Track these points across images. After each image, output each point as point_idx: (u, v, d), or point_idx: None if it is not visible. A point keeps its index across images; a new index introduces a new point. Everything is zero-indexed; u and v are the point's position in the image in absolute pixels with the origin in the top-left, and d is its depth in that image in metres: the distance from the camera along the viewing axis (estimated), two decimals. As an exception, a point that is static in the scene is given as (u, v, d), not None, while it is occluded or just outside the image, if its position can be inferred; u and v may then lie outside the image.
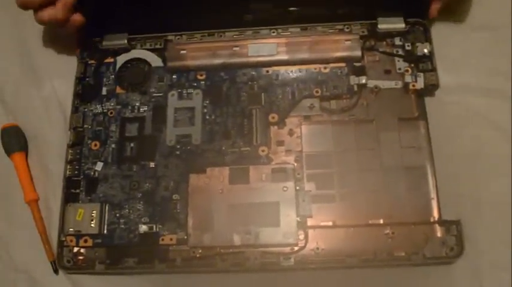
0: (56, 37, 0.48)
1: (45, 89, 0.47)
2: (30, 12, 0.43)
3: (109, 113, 0.43)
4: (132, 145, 0.42)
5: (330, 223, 0.39)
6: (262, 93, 0.43)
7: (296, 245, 0.38)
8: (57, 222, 0.41)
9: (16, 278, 0.41)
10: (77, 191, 0.41)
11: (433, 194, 0.39)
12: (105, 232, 0.40)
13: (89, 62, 0.45)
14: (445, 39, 0.43)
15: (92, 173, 0.42)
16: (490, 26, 0.45)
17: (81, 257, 0.40)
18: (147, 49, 0.45)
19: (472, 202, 0.39)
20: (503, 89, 0.43)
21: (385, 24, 0.43)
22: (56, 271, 0.41)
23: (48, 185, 0.43)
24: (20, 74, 0.48)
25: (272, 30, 0.44)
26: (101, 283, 0.40)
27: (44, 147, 0.45)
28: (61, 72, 0.47)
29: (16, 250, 0.42)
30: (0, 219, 0.43)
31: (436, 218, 0.38)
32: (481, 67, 0.43)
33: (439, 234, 0.38)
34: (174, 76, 0.44)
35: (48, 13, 0.42)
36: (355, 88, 0.42)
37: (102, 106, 0.43)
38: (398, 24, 0.43)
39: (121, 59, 0.45)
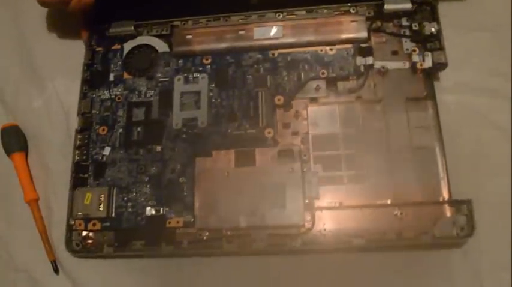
0: (56, 35, 0.49)
1: (45, 88, 0.47)
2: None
3: (116, 98, 0.44)
4: (139, 129, 0.42)
5: (339, 204, 0.38)
6: (268, 76, 0.42)
7: (303, 226, 0.38)
8: (58, 221, 0.42)
9: (16, 278, 0.41)
10: (85, 175, 0.42)
11: (442, 174, 0.38)
12: (113, 215, 0.40)
13: (96, 49, 0.46)
14: (445, 38, 0.42)
15: (100, 158, 0.42)
16: (491, 26, 0.44)
17: (89, 241, 0.40)
18: (154, 35, 0.45)
19: (472, 201, 0.38)
20: (503, 89, 0.42)
21: (391, 5, 0.42)
22: (56, 271, 0.41)
23: (49, 184, 0.44)
24: (20, 74, 0.48)
25: (277, 14, 0.44)
26: (102, 282, 0.41)
27: (44, 146, 0.45)
28: (61, 72, 0.47)
29: (16, 250, 0.42)
30: (0, 219, 0.43)
31: (446, 198, 0.38)
32: (481, 67, 0.43)
33: (449, 214, 0.37)
34: (180, 61, 0.44)
35: None
36: (362, 69, 0.42)
37: (109, 92, 0.44)
38: (405, 5, 0.42)
39: (128, 46, 0.45)
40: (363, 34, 0.42)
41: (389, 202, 0.38)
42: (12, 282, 0.41)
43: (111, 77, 0.44)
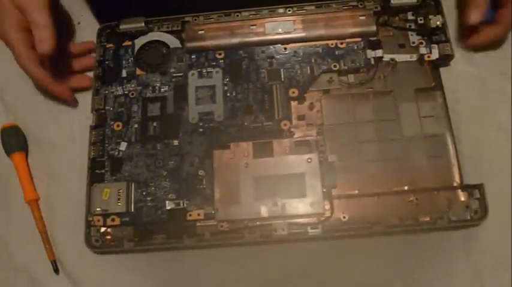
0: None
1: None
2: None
3: (130, 94, 0.44)
4: (155, 124, 0.42)
5: (355, 192, 0.39)
6: (281, 69, 0.43)
7: (323, 215, 0.39)
8: (59, 221, 0.42)
9: (16, 278, 0.41)
10: (102, 171, 0.41)
11: (453, 160, 0.40)
12: (133, 210, 0.40)
13: (107, 46, 0.45)
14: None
15: (116, 153, 0.42)
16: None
17: (108, 237, 0.40)
18: (165, 31, 0.45)
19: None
20: (503, 89, 0.43)
21: (397, -1, 0.44)
22: (56, 271, 0.41)
23: (50, 184, 0.44)
24: (20, 74, 0.47)
25: (288, 9, 0.45)
26: (102, 282, 0.41)
27: (44, 146, 0.45)
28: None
29: (16, 250, 0.42)
30: (0, 219, 0.43)
31: (459, 183, 0.39)
32: (481, 67, 0.44)
33: (462, 198, 0.39)
34: (193, 56, 0.44)
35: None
36: (372, 61, 0.43)
37: (123, 88, 0.44)
38: (411, -1, 0.44)
39: (139, 42, 0.45)
40: (372, 28, 0.44)
41: (404, 188, 0.39)
42: (12, 282, 0.41)
43: (124, 73, 0.44)
